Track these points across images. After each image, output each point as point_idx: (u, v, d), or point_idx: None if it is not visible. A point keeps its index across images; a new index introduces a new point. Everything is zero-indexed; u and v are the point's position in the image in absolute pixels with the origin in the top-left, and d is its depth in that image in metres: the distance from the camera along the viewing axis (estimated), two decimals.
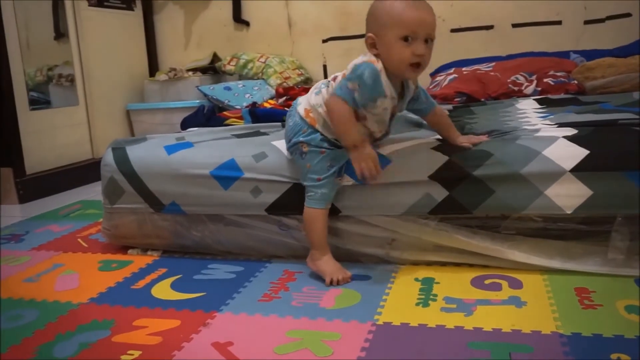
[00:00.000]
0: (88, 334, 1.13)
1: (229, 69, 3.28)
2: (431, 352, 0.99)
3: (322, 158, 1.34)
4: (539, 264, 1.31)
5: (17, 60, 2.57)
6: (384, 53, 1.27)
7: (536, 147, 1.31)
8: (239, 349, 1.04)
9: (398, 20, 1.23)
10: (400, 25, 1.23)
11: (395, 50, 1.24)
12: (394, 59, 1.25)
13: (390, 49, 1.25)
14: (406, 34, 1.23)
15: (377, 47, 1.28)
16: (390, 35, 1.24)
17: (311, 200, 1.35)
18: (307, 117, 1.37)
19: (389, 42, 1.25)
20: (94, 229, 1.92)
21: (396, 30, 1.23)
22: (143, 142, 1.70)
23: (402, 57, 1.24)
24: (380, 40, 1.26)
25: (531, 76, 2.41)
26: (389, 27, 1.24)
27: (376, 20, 1.28)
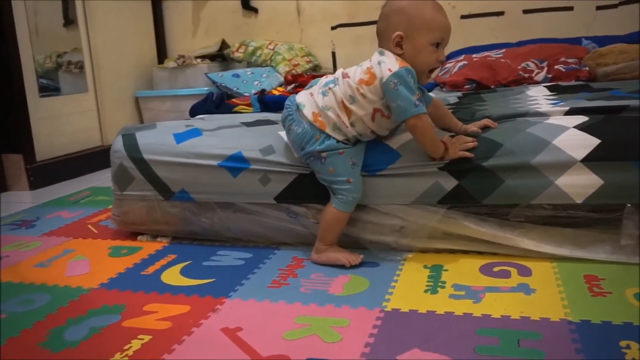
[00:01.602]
0: (98, 318, 1.15)
1: (238, 56, 3.27)
2: (439, 338, 0.99)
3: (342, 159, 1.32)
4: (548, 252, 1.30)
5: (27, 47, 2.58)
6: (410, 54, 1.27)
7: (546, 136, 1.30)
8: (248, 334, 1.04)
9: (434, 26, 1.25)
10: (436, 31, 1.25)
11: (424, 55, 1.26)
12: (420, 63, 1.27)
13: (419, 52, 1.26)
14: (439, 40, 1.26)
15: (402, 46, 1.27)
16: (423, 39, 1.25)
17: (342, 203, 1.33)
18: (316, 122, 1.33)
19: (420, 46, 1.26)
20: (103, 216, 1.93)
21: (431, 35, 1.25)
22: (152, 129, 1.71)
23: (429, 62, 1.27)
24: (410, 42, 1.26)
25: (542, 63, 2.39)
26: (424, 31, 1.25)
27: (409, 21, 1.26)
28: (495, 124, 1.43)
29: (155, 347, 1.01)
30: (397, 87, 1.24)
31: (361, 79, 1.30)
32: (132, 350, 1.01)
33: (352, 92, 1.31)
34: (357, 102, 1.31)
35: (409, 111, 1.24)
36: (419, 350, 0.96)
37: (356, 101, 1.31)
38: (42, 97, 2.67)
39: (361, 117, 1.31)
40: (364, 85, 1.30)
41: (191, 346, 1.02)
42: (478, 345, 0.96)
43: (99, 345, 1.04)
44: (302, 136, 1.35)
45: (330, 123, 1.32)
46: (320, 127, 1.33)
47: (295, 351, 0.97)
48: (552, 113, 1.48)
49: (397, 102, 1.25)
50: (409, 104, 1.24)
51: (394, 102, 1.26)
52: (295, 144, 1.38)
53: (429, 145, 1.31)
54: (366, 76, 1.30)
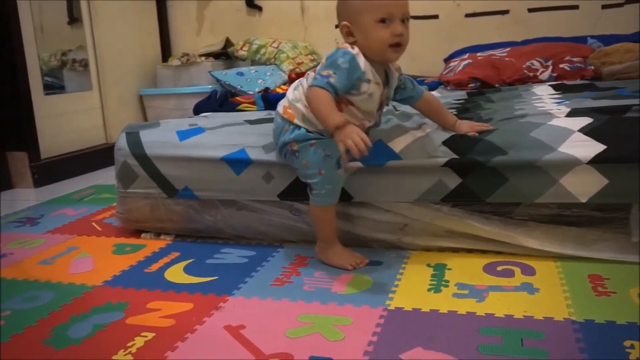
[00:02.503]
0: (102, 315, 1.15)
1: (242, 54, 3.27)
2: (443, 337, 0.99)
3: (314, 150, 1.28)
4: (552, 251, 1.30)
5: (32, 45, 2.59)
6: (362, 39, 1.26)
7: (551, 142, 1.27)
8: (251, 332, 1.05)
9: (372, 3, 1.23)
10: (376, 8, 1.23)
11: (374, 34, 1.24)
12: (373, 42, 1.25)
13: (368, 32, 1.24)
14: (383, 15, 1.22)
15: (353, 34, 1.27)
16: (366, 20, 1.24)
17: (317, 198, 1.30)
18: (285, 114, 1.34)
19: (366, 27, 1.24)
20: (107, 213, 1.94)
21: (373, 13, 1.23)
22: (156, 127, 1.71)
23: (382, 38, 1.23)
24: (357, 27, 1.26)
25: (547, 62, 2.38)
26: (364, 11, 1.24)
27: (349, 7, 1.27)
28: (490, 127, 1.39)
29: (158, 345, 1.02)
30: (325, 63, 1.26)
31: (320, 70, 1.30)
32: (135, 348, 1.01)
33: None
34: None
35: (311, 81, 1.24)
36: (422, 349, 0.96)
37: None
38: (46, 95, 2.68)
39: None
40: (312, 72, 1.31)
41: (194, 344, 1.02)
42: (481, 344, 0.96)
43: (102, 343, 1.04)
44: (276, 130, 1.37)
45: (299, 114, 1.31)
46: (289, 118, 1.33)
47: (298, 349, 0.97)
48: (556, 114, 1.47)
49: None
50: (313, 79, 1.24)
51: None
52: (274, 140, 1.40)
53: (319, 117, 1.24)
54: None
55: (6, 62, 2.47)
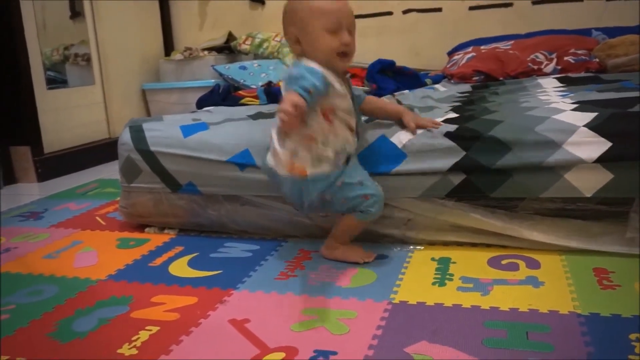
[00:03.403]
0: (107, 309, 1.15)
1: (245, 48, 3.26)
2: (447, 330, 0.99)
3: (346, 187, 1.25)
4: (557, 244, 1.29)
5: (34, 40, 2.59)
6: (310, 47, 1.24)
7: (556, 138, 1.26)
8: (255, 326, 1.05)
9: (321, 12, 1.22)
10: (325, 17, 1.22)
11: (322, 42, 1.22)
12: (322, 50, 1.23)
13: (317, 41, 1.23)
14: (331, 25, 1.22)
15: (300, 43, 1.26)
16: (315, 28, 1.22)
17: (366, 214, 1.27)
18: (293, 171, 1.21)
19: (315, 35, 1.23)
20: (111, 207, 1.94)
21: (321, 21, 1.22)
22: (160, 122, 1.70)
23: (331, 46, 1.22)
24: (305, 36, 1.24)
25: (551, 54, 2.37)
26: (313, 20, 1.23)
27: (297, 16, 1.26)
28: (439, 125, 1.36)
29: (163, 338, 1.02)
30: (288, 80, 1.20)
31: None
32: (140, 342, 1.01)
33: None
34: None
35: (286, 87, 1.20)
36: (427, 342, 0.95)
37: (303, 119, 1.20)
38: (49, 90, 2.68)
39: (321, 129, 1.21)
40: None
41: (199, 337, 1.02)
42: (486, 338, 0.95)
43: (107, 336, 1.04)
44: (292, 193, 1.28)
45: (307, 161, 1.21)
46: (301, 174, 1.21)
47: (302, 343, 0.97)
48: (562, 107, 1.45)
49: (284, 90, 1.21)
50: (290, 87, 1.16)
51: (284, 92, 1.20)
52: (292, 199, 1.32)
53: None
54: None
55: (9, 57, 2.47)
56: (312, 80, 1.15)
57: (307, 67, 1.21)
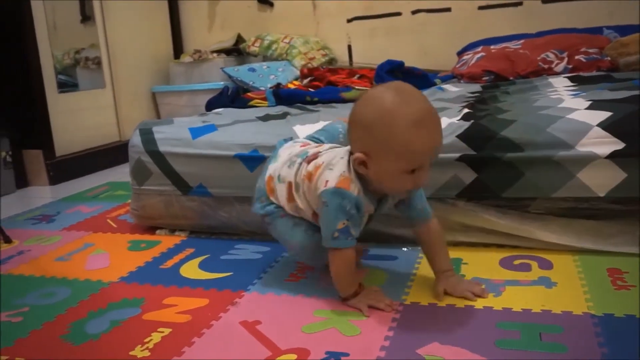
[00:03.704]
0: (119, 311, 1.16)
1: (253, 50, 3.27)
2: (460, 331, 0.98)
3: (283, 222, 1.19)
4: (570, 244, 1.28)
5: (45, 44, 2.61)
6: (377, 177, 1.03)
7: (569, 139, 1.25)
8: (266, 327, 1.05)
9: (408, 153, 0.98)
10: (411, 160, 0.99)
11: (395, 183, 1.03)
12: (390, 189, 1.07)
13: (388, 179, 1.02)
14: (415, 167, 1.00)
15: (367, 167, 1.02)
16: (392, 167, 1.00)
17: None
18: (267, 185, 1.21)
19: (388, 173, 1.01)
20: (122, 210, 1.95)
21: (403, 164, 0.99)
22: (170, 124, 1.71)
23: (403, 187, 1.04)
24: (377, 166, 1.01)
25: (562, 53, 2.35)
26: (392, 158, 0.99)
27: (374, 139, 1.00)
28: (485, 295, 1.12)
29: (175, 340, 1.02)
30: (323, 209, 1.05)
31: (308, 172, 1.11)
32: (152, 343, 1.01)
33: (300, 180, 1.14)
34: (299, 194, 1.15)
35: (327, 241, 1.07)
36: (439, 344, 0.95)
37: (299, 192, 1.15)
38: (60, 93, 2.70)
39: (304, 210, 1.15)
40: (307, 180, 1.12)
41: (211, 339, 1.02)
42: (499, 339, 0.95)
43: (120, 338, 1.04)
44: (257, 190, 1.24)
45: (277, 193, 1.19)
46: (268, 192, 1.20)
47: (314, 344, 0.97)
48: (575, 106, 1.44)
49: (321, 226, 1.08)
50: (328, 233, 1.06)
51: (320, 220, 1.09)
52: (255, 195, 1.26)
53: (336, 282, 1.11)
54: (313, 170, 1.11)
55: (21, 61, 2.49)
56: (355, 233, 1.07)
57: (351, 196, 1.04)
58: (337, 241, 1.06)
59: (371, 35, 3.23)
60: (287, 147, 1.26)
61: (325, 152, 1.14)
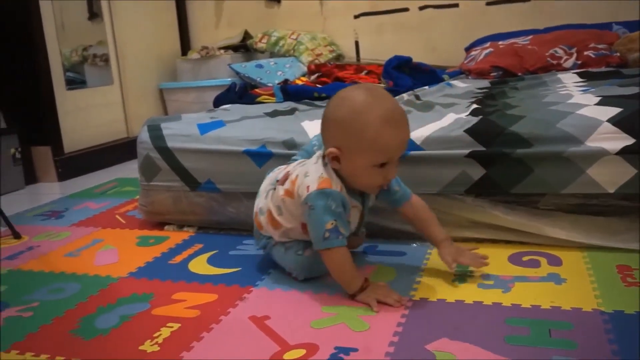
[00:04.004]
0: (128, 306, 1.16)
1: (261, 46, 3.27)
2: (469, 327, 0.98)
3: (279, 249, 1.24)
4: (579, 241, 1.28)
5: (53, 41, 2.62)
6: (348, 172, 1.09)
7: (579, 135, 1.25)
8: (275, 322, 1.05)
9: (377, 147, 1.04)
10: (379, 153, 1.05)
11: (365, 176, 1.08)
12: (361, 184, 1.11)
13: (359, 173, 1.08)
14: (383, 161, 1.06)
15: (340, 162, 1.09)
16: (362, 161, 1.06)
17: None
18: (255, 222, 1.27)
19: (359, 167, 1.07)
20: (130, 206, 1.95)
21: (373, 157, 1.05)
22: (177, 121, 1.72)
23: (373, 182, 1.10)
24: (348, 160, 1.07)
25: (571, 49, 2.34)
26: (363, 152, 1.05)
27: (346, 135, 1.06)
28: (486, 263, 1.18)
29: (184, 335, 1.02)
30: (310, 213, 1.09)
31: (286, 190, 1.17)
32: (161, 338, 1.02)
33: (279, 202, 1.19)
34: (283, 215, 1.19)
35: (318, 244, 1.09)
36: (448, 339, 0.95)
37: (282, 213, 1.19)
38: (69, 90, 2.71)
39: (292, 229, 1.19)
40: (287, 197, 1.17)
41: (220, 334, 1.02)
42: (508, 335, 0.95)
43: (129, 333, 1.05)
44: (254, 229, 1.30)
45: (264, 225, 1.25)
46: (258, 227, 1.26)
47: (323, 339, 0.97)
48: (584, 102, 1.43)
49: (310, 231, 1.12)
50: (318, 235, 1.08)
51: (308, 226, 1.12)
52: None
53: (340, 282, 1.13)
54: (290, 187, 1.16)
55: (29, 59, 2.50)
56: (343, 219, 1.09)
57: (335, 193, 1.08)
58: (328, 241, 1.09)
59: (378, 32, 3.22)
60: (267, 179, 1.31)
61: (294, 169, 1.20)
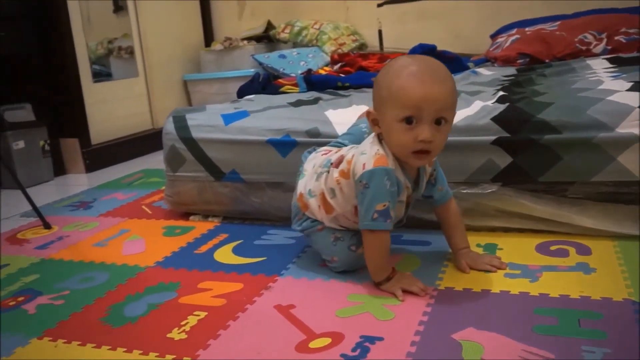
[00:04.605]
0: (156, 295, 1.18)
1: (283, 36, 3.26)
2: (495, 317, 0.97)
3: (323, 235, 1.20)
4: (609, 230, 1.25)
5: (80, 34, 2.66)
6: (385, 135, 1.06)
7: (609, 121, 1.21)
8: (301, 311, 1.05)
9: (397, 96, 1.00)
10: (400, 104, 1.00)
11: (394, 135, 1.03)
12: (393, 144, 1.05)
13: (389, 132, 1.04)
14: (407, 114, 1.00)
15: (379, 125, 1.07)
16: (389, 116, 1.02)
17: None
18: (299, 201, 1.24)
19: (388, 123, 1.03)
20: (156, 197, 1.98)
21: (395, 109, 1.00)
22: (202, 112, 1.73)
23: (403, 142, 1.02)
24: (381, 120, 1.05)
25: (600, 34, 2.28)
26: (388, 104, 1.02)
27: (377, 92, 1.06)
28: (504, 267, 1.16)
29: (211, 323, 1.03)
30: (364, 191, 1.05)
31: (341, 171, 1.13)
32: (189, 326, 1.03)
33: (333, 184, 1.15)
34: (336, 198, 1.15)
35: (364, 222, 1.07)
36: (474, 329, 0.94)
37: (336, 196, 1.15)
38: (95, 83, 2.75)
39: (343, 215, 1.16)
40: (342, 178, 1.13)
41: (246, 322, 1.03)
42: (536, 325, 0.93)
43: (157, 321, 1.07)
44: (293, 208, 1.27)
45: (311, 208, 1.21)
46: (302, 208, 1.23)
47: (348, 328, 0.97)
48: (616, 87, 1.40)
49: (359, 208, 1.08)
50: (367, 214, 1.05)
51: (358, 205, 1.09)
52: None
53: (370, 266, 1.12)
54: (346, 167, 1.12)
55: (57, 53, 2.54)
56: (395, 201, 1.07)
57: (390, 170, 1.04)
58: (375, 223, 1.06)
59: (402, 20, 3.18)
60: (310, 160, 1.28)
61: (349, 151, 1.17)
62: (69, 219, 1.81)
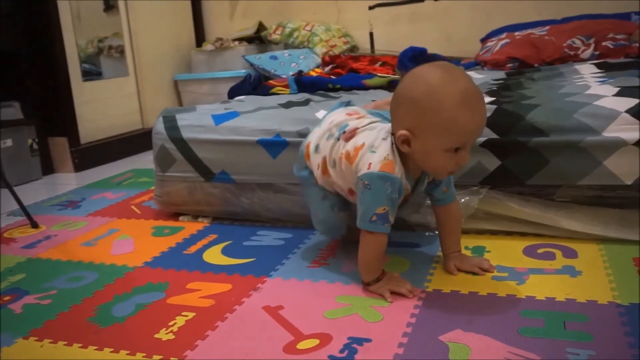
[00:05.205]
0: (144, 295, 1.18)
1: (275, 38, 3.27)
2: (483, 319, 0.98)
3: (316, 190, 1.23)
4: (595, 233, 1.27)
5: (70, 33, 2.64)
6: (419, 156, 1.03)
7: (596, 125, 1.23)
8: (289, 313, 1.05)
9: (449, 128, 0.97)
10: (452, 136, 0.98)
11: (434, 160, 1.02)
12: (432, 168, 1.06)
13: (428, 156, 1.02)
14: (458, 145, 0.99)
15: (410, 146, 1.02)
16: (433, 143, 0.99)
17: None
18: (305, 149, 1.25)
19: (432, 150, 1.00)
20: (146, 196, 1.97)
21: (444, 139, 0.98)
22: (192, 112, 1.72)
23: (444, 168, 1.03)
24: (420, 143, 1.01)
25: (589, 39, 2.30)
26: (438, 134, 0.98)
27: (420, 115, 0.99)
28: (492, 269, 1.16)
29: (199, 324, 1.03)
30: (364, 191, 1.05)
31: (347, 152, 1.11)
32: (176, 327, 1.03)
33: (336, 157, 1.15)
34: (335, 169, 1.16)
35: (363, 223, 1.07)
36: (462, 331, 0.95)
37: (335, 168, 1.16)
38: (85, 82, 2.73)
39: (338, 185, 1.17)
40: (346, 160, 1.11)
41: (234, 323, 1.03)
42: (522, 327, 0.94)
43: (145, 321, 1.06)
44: (299, 151, 1.28)
45: (311, 161, 1.23)
46: (305, 157, 1.24)
47: (336, 330, 0.98)
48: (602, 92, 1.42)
49: (359, 206, 1.08)
50: (365, 215, 1.06)
51: (358, 202, 1.09)
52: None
53: (361, 265, 1.12)
54: (353, 152, 1.10)
55: (46, 51, 2.53)
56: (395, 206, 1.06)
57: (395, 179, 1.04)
58: (373, 225, 1.06)
59: (393, 22, 3.20)
60: (335, 113, 1.25)
61: (363, 130, 1.13)
62: (57, 218, 1.80)
